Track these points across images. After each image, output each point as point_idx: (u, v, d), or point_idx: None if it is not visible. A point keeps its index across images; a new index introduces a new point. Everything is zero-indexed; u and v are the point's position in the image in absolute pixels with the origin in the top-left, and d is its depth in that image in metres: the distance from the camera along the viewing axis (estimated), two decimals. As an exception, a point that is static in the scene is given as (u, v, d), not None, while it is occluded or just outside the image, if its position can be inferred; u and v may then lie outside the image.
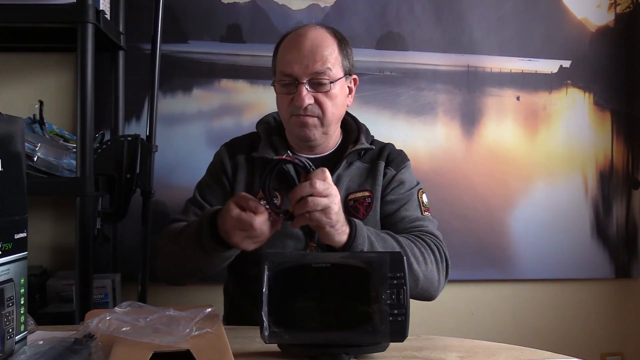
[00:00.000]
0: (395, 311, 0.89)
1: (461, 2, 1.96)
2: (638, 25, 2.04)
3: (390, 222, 1.29)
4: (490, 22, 1.98)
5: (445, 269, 1.23)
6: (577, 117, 2.03)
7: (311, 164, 1.05)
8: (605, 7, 2.03)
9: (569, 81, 2.02)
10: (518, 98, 2.00)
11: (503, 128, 1.99)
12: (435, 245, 1.23)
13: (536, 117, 2.01)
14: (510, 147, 1.99)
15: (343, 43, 1.30)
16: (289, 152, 1.04)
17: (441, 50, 1.96)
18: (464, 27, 1.97)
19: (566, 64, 2.02)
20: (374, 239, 1.13)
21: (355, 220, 1.12)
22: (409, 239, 1.20)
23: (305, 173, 1.04)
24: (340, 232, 1.07)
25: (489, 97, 1.99)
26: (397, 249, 1.14)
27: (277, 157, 1.04)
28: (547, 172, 2.00)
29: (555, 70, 2.02)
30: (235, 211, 1.03)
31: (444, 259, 1.23)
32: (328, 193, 1.02)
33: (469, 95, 1.98)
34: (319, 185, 1.01)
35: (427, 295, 1.22)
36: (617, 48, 2.03)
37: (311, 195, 1.01)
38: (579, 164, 2.02)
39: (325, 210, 1.02)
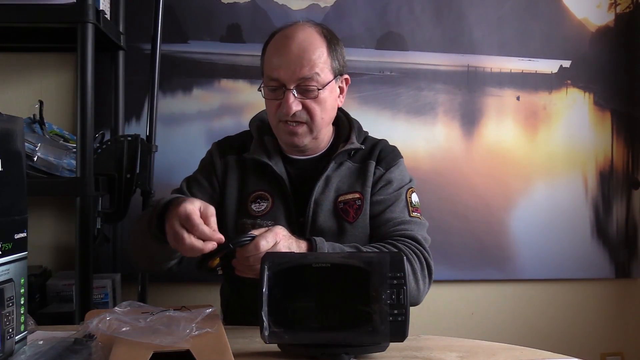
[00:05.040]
0: (395, 311, 0.89)
1: (461, 2, 1.96)
2: (638, 25, 2.04)
3: (375, 224, 1.25)
4: (490, 22, 1.98)
5: (428, 275, 1.18)
6: (577, 117, 2.03)
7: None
8: (605, 7, 2.03)
9: (569, 81, 2.02)
10: (518, 98, 2.00)
11: (503, 128, 1.99)
12: (415, 253, 1.17)
13: (536, 117, 2.01)
14: (510, 147, 1.99)
15: (332, 43, 1.24)
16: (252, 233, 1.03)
17: (441, 50, 1.96)
18: (464, 27, 1.97)
19: (566, 64, 2.02)
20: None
21: (316, 239, 1.10)
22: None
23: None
24: None
25: (489, 97, 1.99)
26: None
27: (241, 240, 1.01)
28: (547, 172, 2.00)
29: (555, 70, 2.02)
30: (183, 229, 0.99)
31: (424, 266, 1.18)
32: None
33: (469, 95, 1.98)
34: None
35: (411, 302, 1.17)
36: (617, 48, 2.03)
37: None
38: (579, 164, 2.02)
39: None
